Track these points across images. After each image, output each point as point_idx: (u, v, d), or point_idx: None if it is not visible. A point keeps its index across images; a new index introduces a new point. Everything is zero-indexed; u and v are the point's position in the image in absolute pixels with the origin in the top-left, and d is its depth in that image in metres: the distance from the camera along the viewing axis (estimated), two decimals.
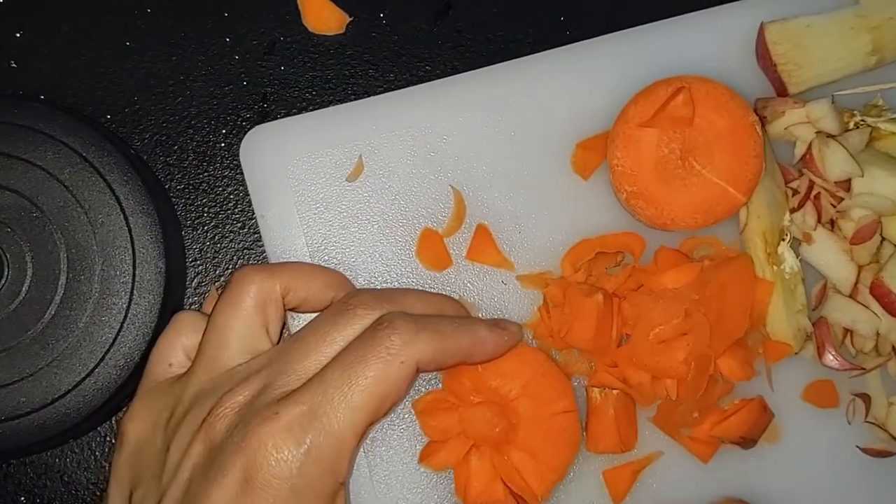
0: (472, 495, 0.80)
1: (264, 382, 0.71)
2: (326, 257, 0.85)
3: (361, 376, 0.68)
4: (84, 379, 0.81)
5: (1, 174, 0.82)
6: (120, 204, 0.82)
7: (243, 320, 0.75)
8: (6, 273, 0.81)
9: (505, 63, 0.87)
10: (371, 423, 0.69)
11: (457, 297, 0.85)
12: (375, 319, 0.73)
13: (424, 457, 0.83)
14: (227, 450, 0.68)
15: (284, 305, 0.77)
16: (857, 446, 0.84)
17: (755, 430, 0.81)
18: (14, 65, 0.90)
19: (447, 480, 0.83)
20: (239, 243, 0.90)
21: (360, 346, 0.70)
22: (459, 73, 0.89)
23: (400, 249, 0.85)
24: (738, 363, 0.81)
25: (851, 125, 0.83)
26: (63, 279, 0.82)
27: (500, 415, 0.80)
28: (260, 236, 0.89)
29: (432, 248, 0.85)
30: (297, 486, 0.66)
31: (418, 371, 0.71)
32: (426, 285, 0.85)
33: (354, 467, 0.83)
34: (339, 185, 0.85)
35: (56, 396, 0.81)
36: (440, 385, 0.84)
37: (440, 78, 0.90)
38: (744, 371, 0.82)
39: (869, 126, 0.83)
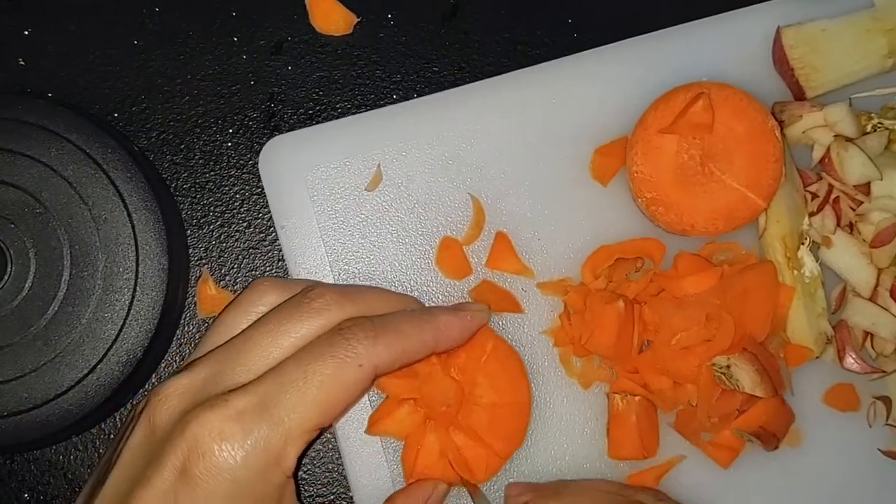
0: (419, 468, 0.80)
1: (213, 370, 0.70)
2: (346, 267, 0.85)
3: (318, 374, 0.67)
4: (87, 375, 0.81)
5: (5, 170, 0.82)
6: (123, 200, 0.82)
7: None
8: (9, 269, 0.81)
9: (522, 70, 0.86)
10: (320, 425, 0.68)
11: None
12: (337, 323, 0.72)
13: (373, 423, 0.82)
14: (168, 435, 0.66)
15: None
16: (879, 449, 0.84)
17: (774, 423, 0.81)
18: (22, 62, 0.90)
19: None
20: (244, 242, 0.90)
21: (319, 345, 0.69)
22: (467, 74, 0.90)
23: (419, 258, 0.85)
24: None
25: (869, 128, 0.84)
26: (66, 275, 0.81)
27: (456, 392, 0.79)
28: (265, 236, 0.89)
29: (452, 256, 0.85)
30: (241, 478, 0.65)
31: (377, 375, 0.71)
32: (446, 294, 0.85)
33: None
34: (359, 195, 0.85)
35: (59, 392, 0.81)
36: None
37: (447, 79, 0.90)
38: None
39: (887, 129, 0.83)
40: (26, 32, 0.90)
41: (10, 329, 0.81)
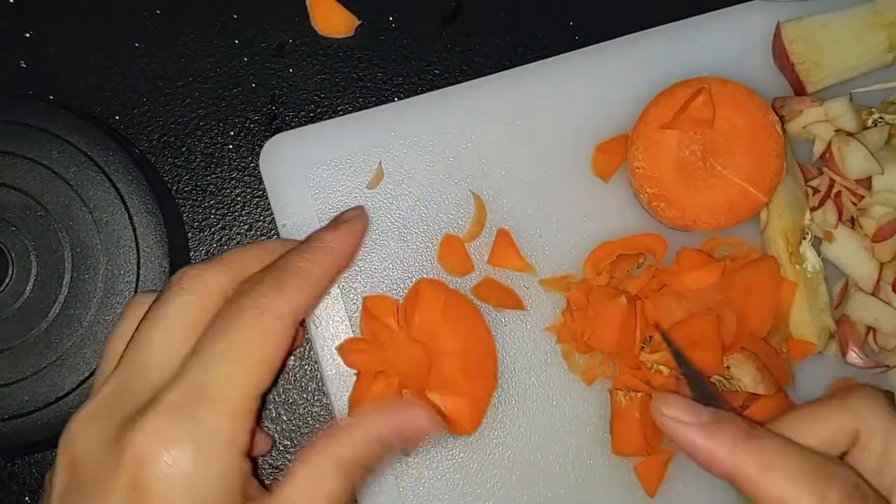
0: None
1: (118, 385, 0.64)
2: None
3: (240, 339, 0.63)
4: (88, 378, 0.81)
5: (6, 173, 0.82)
6: (124, 203, 0.82)
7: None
8: (11, 272, 0.82)
9: (523, 67, 0.86)
10: (261, 389, 0.63)
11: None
12: (216, 287, 0.67)
13: (353, 404, 0.80)
14: (101, 463, 0.61)
15: None
16: None
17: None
18: (23, 65, 0.90)
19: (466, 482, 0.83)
20: (246, 245, 0.89)
21: (229, 313, 0.64)
22: (468, 77, 0.89)
23: (421, 256, 0.85)
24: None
25: (870, 123, 0.84)
26: (67, 278, 0.82)
27: (422, 352, 0.78)
28: (267, 238, 0.89)
29: (454, 253, 0.84)
30: (196, 472, 0.60)
31: (298, 320, 0.66)
32: None
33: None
34: (360, 193, 0.85)
35: (60, 395, 0.81)
36: None
37: (448, 82, 0.90)
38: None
39: (887, 123, 0.83)
40: (28, 35, 0.90)
41: (11, 332, 0.81)
